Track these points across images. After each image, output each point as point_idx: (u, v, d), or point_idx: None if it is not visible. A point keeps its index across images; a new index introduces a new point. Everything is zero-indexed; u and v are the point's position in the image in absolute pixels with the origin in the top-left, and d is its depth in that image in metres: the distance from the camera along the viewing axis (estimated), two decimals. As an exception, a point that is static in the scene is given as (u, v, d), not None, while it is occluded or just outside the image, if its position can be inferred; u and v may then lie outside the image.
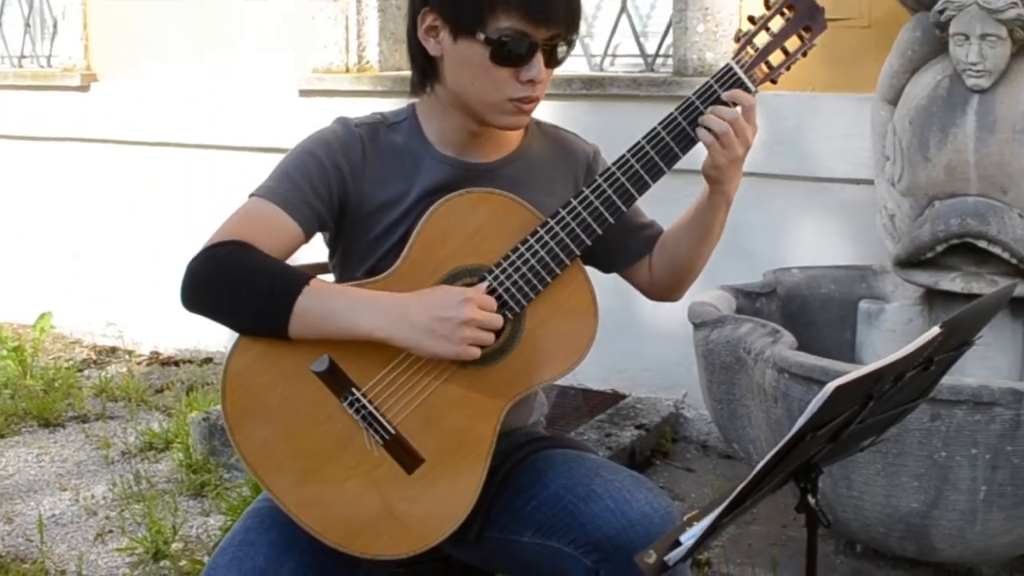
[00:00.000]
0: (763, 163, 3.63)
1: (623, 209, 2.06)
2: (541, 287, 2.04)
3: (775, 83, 2.11)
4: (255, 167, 2.51)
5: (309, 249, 2.15)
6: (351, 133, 2.12)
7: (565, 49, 2.06)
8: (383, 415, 1.98)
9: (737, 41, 2.08)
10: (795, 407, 3.13)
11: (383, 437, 1.98)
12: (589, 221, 2.04)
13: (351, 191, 2.10)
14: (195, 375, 5.69)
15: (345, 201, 2.10)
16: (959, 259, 3.60)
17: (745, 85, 2.05)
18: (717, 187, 2.10)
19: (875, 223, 3.89)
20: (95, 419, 5.17)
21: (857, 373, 1.59)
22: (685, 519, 1.74)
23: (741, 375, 3.38)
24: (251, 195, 2.09)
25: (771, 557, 3.66)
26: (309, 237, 2.09)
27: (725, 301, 3.70)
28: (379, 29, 5.48)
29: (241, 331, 1.99)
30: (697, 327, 3.54)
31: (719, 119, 2.01)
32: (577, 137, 2.31)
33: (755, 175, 3.70)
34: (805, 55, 2.10)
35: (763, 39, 2.08)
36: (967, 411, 2.97)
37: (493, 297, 2.01)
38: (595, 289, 2.09)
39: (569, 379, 4.69)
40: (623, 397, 4.90)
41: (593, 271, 2.17)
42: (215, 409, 4.60)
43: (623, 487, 2.02)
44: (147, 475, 4.45)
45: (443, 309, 1.96)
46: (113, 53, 6.21)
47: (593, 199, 2.05)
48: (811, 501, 1.80)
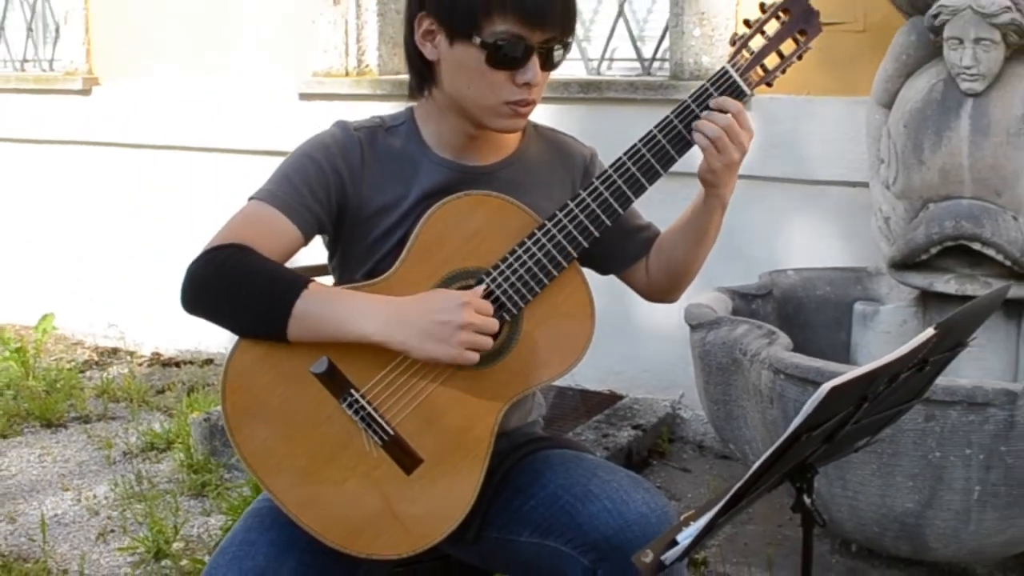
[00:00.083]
0: (759, 166, 3.63)
1: (620, 212, 2.06)
2: (539, 289, 2.03)
3: (771, 86, 2.11)
4: (255, 170, 2.51)
5: (309, 251, 2.14)
6: (350, 137, 2.11)
7: (561, 52, 2.05)
8: (382, 416, 1.98)
9: (733, 45, 2.08)
10: (791, 408, 3.12)
11: (382, 438, 1.98)
12: (586, 224, 2.04)
13: (350, 194, 2.10)
14: (196, 376, 5.69)
15: (344, 204, 2.10)
16: (953, 261, 3.60)
17: (740, 88, 2.05)
18: (713, 191, 2.10)
19: (870, 225, 3.89)
20: (97, 420, 5.17)
21: (852, 374, 1.59)
22: (682, 519, 1.73)
23: (737, 376, 3.38)
24: (251, 198, 2.08)
25: (767, 556, 3.66)
26: (308, 240, 2.09)
27: (721, 303, 3.70)
28: (378, 33, 5.48)
29: (240, 334, 1.99)
30: (694, 328, 3.54)
31: (712, 124, 2.01)
32: (574, 140, 2.31)
33: (751, 178, 3.70)
34: (800, 58, 2.10)
35: (759, 43, 2.08)
36: (961, 412, 2.97)
37: (491, 299, 2.01)
38: (592, 291, 2.09)
39: (567, 380, 4.70)
40: (620, 398, 4.90)
41: (590, 273, 2.17)
42: (216, 410, 4.60)
43: (620, 487, 2.02)
44: (148, 475, 4.45)
45: (440, 313, 1.95)
46: (115, 57, 6.22)
47: (590, 202, 2.04)
48: (806, 501, 1.80)
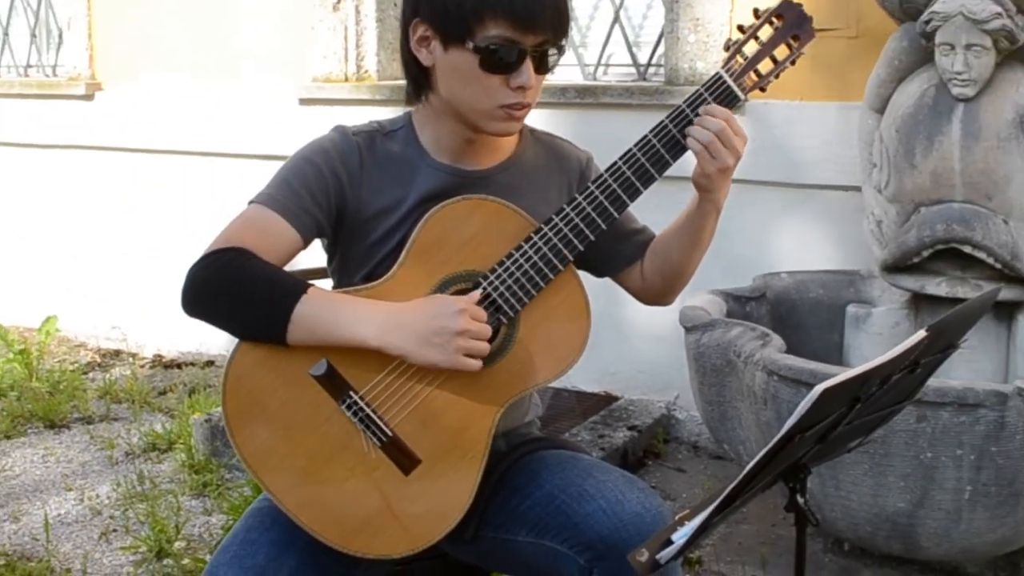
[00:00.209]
0: (753, 170, 3.62)
1: (615, 215, 2.06)
2: (535, 292, 2.03)
3: (764, 91, 2.11)
4: (256, 174, 2.51)
5: (308, 254, 2.14)
6: (348, 141, 2.11)
7: (556, 55, 2.05)
8: (380, 417, 1.98)
9: (727, 50, 2.08)
10: (784, 409, 3.12)
11: (380, 439, 1.98)
12: (582, 227, 2.04)
13: (349, 198, 2.09)
14: (197, 378, 5.68)
15: (343, 208, 2.10)
16: (944, 264, 3.60)
17: (735, 93, 2.04)
18: (707, 195, 2.09)
19: (862, 229, 3.89)
20: (99, 420, 5.16)
21: (845, 376, 1.58)
22: (677, 518, 1.73)
23: (731, 378, 3.38)
24: (251, 202, 2.08)
25: (761, 555, 3.66)
26: (307, 243, 2.08)
27: (716, 305, 3.70)
28: (377, 39, 5.48)
29: (241, 336, 1.99)
30: (688, 331, 3.54)
31: (704, 129, 2.01)
32: (570, 144, 2.31)
33: (745, 181, 3.70)
34: (794, 63, 2.10)
35: (752, 48, 2.08)
36: (952, 413, 2.97)
37: (488, 302, 2.01)
38: (588, 293, 2.09)
39: (563, 381, 4.70)
40: (616, 399, 4.90)
41: (586, 276, 2.16)
42: (217, 411, 4.59)
43: (615, 487, 2.02)
44: (150, 475, 4.44)
45: (437, 319, 1.95)
46: (117, 63, 6.21)
47: (586, 206, 2.04)
48: (800, 501, 1.80)
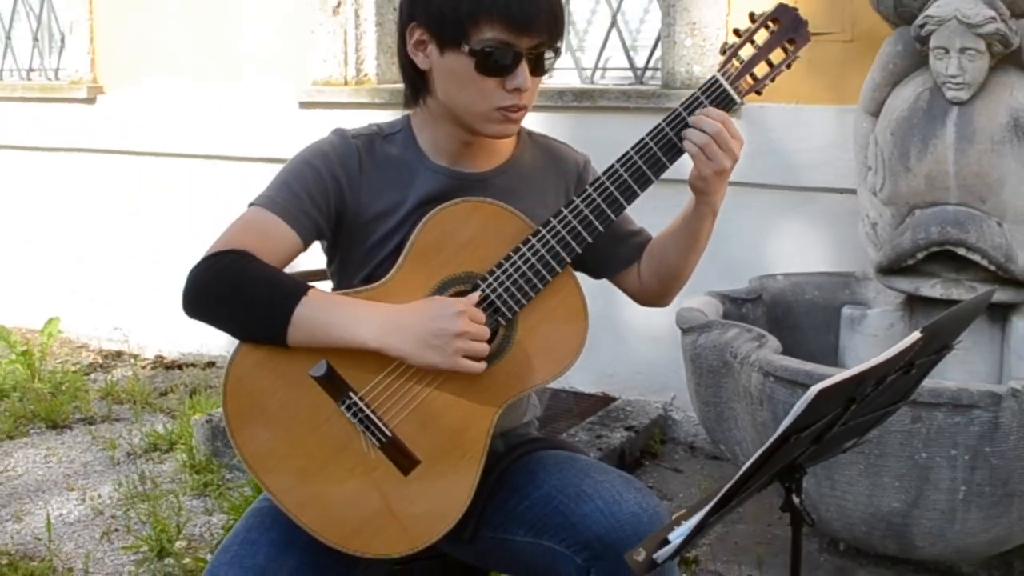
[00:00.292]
0: (749, 173, 3.62)
1: (612, 218, 2.06)
2: (533, 294, 2.03)
3: (760, 94, 2.11)
4: (257, 177, 2.51)
5: (308, 256, 2.14)
6: (348, 144, 2.11)
7: (552, 57, 2.05)
8: (379, 418, 1.98)
9: (723, 54, 2.08)
10: (780, 410, 3.12)
11: (380, 440, 1.98)
12: (579, 229, 2.04)
13: (348, 201, 2.09)
14: (198, 378, 5.68)
15: (342, 211, 2.10)
16: (939, 266, 3.60)
17: (731, 97, 2.04)
18: (703, 198, 2.09)
19: (858, 231, 3.89)
20: (101, 421, 5.16)
21: (840, 377, 1.58)
22: (673, 518, 1.73)
23: (728, 379, 3.38)
24: (251, 204, 2.08)
25: (757, 555, 3.65)
26: (307, 245, 2.08)
27: (712, 307, 3.70)
28: (377, 43, 5.48)
29: (241, 338, 1.99)
30: (685, 332, 3.54)
31: (700, 132, 2.01)
32: (568, 147, 2.30)
33: (741, 184, 3.70)
34: (789, 67, 2.10)
35: (748, 51, 2.08)
36: (947, 413, 2.97)
37: (486, 303, 2.01)
38: (585, 295, 2.09)
39: (561, 382, 4.70)
40: (613, 400, 4.89)
41: (583, 277, 2.16)
42: (217, 411, 4.59)
43: (613, 487, 2.01)
44: (152, 475, 4.44)
45: (436, 321, 1.95)
46: (118, 66, 6.21)
47: (583, 208, 2.04)
48: (795, 501, 1.80)
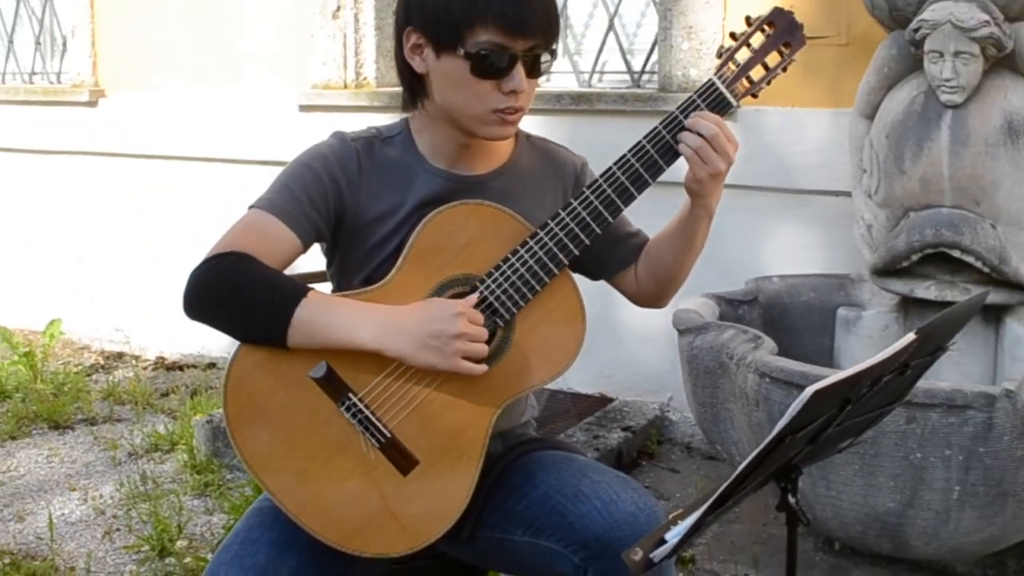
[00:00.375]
0: (745, 175, 3.63)
1: (610, 220, 2.05)
2: (531, 295, 2.03)
3: (756, 97, 2.11)
4: (257, 179, 2.50)
5: (308, 258, 2.14)
6: (347, 147, 2.11)
7: (548, 59, 2.05)
8: (379, 419, 1.98)
9: (719, 57, 2.07)
10: (776, 410, 3.12)
11: (379, 440, 1.98)
12: (577, 231, 2.04)
13: (347, 203, 2.09)
14: (199, 379, 5.68)
15: (342, 213, 2.09)
16: (933, 268, 3.60)
17: (727, 100, 2.04)
18: (699, 200, 2.09)
19: (853, 233, 3.88)
20: (103, 422, 5.15)
21: (835, 378, 1.58)
22: (670, 518, 1.73)
23: (724, 379, 3.38)
24: (251, 207, 2.08)
25: (753, 554, 3.65)
26: (307, 247, 2.08)
27: (708, 308, 3.70)
28: (376, 47, 5.48)
29: (241, 339, 1.98)
30: (681, 333, 3.53)
31: (696, 134, 2.01)
32: (565, 149, 2.30)
33: (738, 187, 3.71)
34: (785, 70, 2.10)
35: (744, 55, 2.08)
36: (941, 414, 2.97)
37: (484, 305, 2.01)
38: (583, 297, 2.09)
39: (559, 383, 4.69)
40: (610, 400, 4.89)
41: (581, 279, 2.16)
42: (218, 412, 4.59)
43: (610, 487, 2.02)
44: (153, 475, 4.44)
45: (435, 322, 1.95)
46: (120, 70, 6.21)
47: (581, 211, 2.04)
48: (791, 500, 1.80)
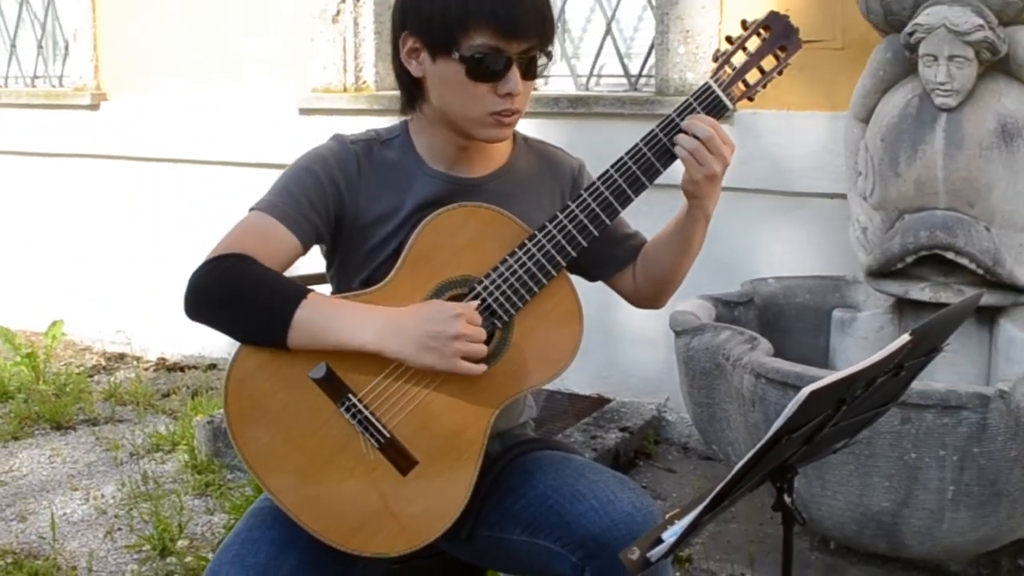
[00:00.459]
0: (741, 178, 3.63)
1: (607, 222, 2.05)
2: (529, 297, 2.03)
3: (752, 100, 2.11)
4: (258, 182, 2.50)
5: (307, 260, 2.14)
6: (347, 149, 2.11)
7: (545, 61, 2.05)
8: (378, 419, 1.98)
9: (716, 61, 2.08)
10: (772, 411, 3.12)
11: (378, 440, 1.97)
12: (574, 234, 2.04)
13: (347, 205, 2.09)
14: (200, 380, 5.67)
15: (341, 215, 2.09)
16: (928, 270, 3.60)
17: (723, 103, 2.04)
18: (695, 202, 2.09)
19: (848, 235, 3.89)
20: (105, 422, 5.15)
21: (831, 378, 1.58)
22: (667, 517, 1.73)
23: (720, 380, 3.38)
24: (251, 209, 2.08)
25: (749, 553, 3.65)
26: (307, 249, 2.08)
27: (705, 310, 3.70)
28: (375, 51, 5.47)
29: (242, 340, 1.98)
30: (678, 335, 3.53)
31: (691, 136, 2.01)
32: (563, 152, 2.30)
33: (734, 189, 3.70)
34: (781, 73, 2.10)
35: (740, 59, 2.08)
36: (936, 415, 2.96)
37: (483, 306, 2.01)
38: (580, 298, 2.09)
39: (556, 384, 4.69)
40: (608, 401, 4.89)
41: (579, 280, 2.16)
42: (219, 413, 4.58)
43: (607, 487, 2.01)
44: (154, 475, 4.44)
45: (434, 324, 1.95)
46: (122, 74, 6.21)
47: (578, 213, 2.04)
48: (787, 500, 1.80)
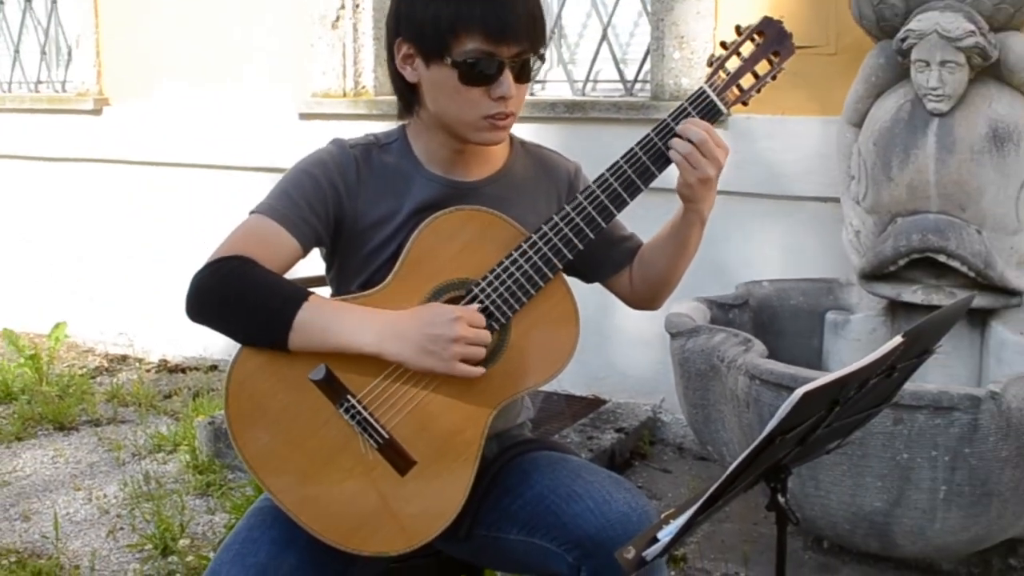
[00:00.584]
0: (736, 182, 3.63)
1: (603, 225, 2.05)
2: (526, 299, 2.03)
3: (746, 105, 2.11)
4: (258, 186, 2.51)
5: (307, 263, 2.13)
6: (346, 153, 2.10)
7: (537, 64, 2.05)
8: (377, 421, 1.97)
9: (710, 66, 2.07)
10: (766, 412, 3.12)
11: (377, 441, 1.97)
12: (571, 236, 2.03)
13: (346, 208, 2.09)
14: (201, 382, 5.67)
15: (340, 218, 2.09)
16: (920, 272, 3.60)
17: (717, 107, 2.04)
18: (691, 205, 2.09)
19: (841, 239, 3.89)
20: (107, 423, 5.15)
21: (824, 380, 1.58)
22: (662, 517, 1.73)
23: (715, 382, 3.38)
24: (252, 212, 2.07)
25: (743, 553, 3.65)
26: (307, 252, 2.08)
27: (700, 312, 3.70)
28: (374, 56, 5.47)
29: (243, 342, 1.98)
30: (673, 336, 3.53)
31: (685, 140, 2.01)
32: (559, 155, 2.30)
33: (729, 193, 3.70)
34: (774, 78, 2.10)
35: (735, 64, 2.07)
36: (928, 415, 2.97)
37: (480, 309, 2.00)
38: (577, 300, 2.08)
39: (553, 385, 4.69)
40: (604, 402, 4.89)
41: (575, 282, 2.16)
42: (220, 414, 4.58)
43: (603, 487, 2.01)
44: (156, 476, 4.43)
45: (433, 327, 1.95)
46: (124, 79, 6.20)
47: (574, 216, 2.04)
48: (781, 500, 1.79)
